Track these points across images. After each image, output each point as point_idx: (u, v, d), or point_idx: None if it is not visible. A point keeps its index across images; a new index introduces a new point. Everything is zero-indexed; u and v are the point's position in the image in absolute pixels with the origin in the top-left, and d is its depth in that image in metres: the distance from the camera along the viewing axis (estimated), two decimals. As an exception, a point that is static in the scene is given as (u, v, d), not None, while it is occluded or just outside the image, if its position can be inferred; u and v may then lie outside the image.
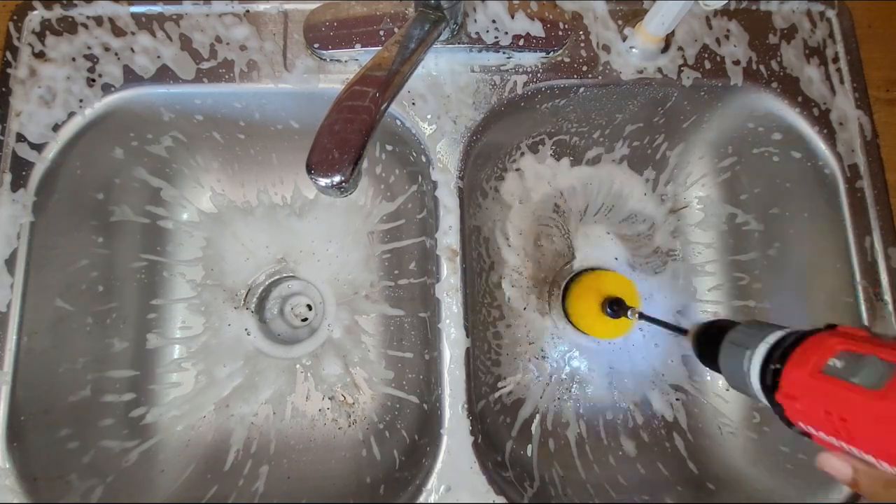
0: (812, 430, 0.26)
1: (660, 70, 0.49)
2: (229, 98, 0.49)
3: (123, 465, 0.49)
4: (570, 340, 0.58)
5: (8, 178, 0.45)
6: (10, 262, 0.44)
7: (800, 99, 0.48)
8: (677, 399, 0.56)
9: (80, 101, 0.46)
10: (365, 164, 0.53)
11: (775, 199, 0.53)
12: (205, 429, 0.54)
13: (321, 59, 0.48)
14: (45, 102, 0.46)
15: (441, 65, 0.48)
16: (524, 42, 0.47)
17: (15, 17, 0.47)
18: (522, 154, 0.59)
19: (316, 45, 0.47)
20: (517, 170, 0.59)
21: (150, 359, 0.54)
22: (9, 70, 0.46)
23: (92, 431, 0.48)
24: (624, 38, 0.49)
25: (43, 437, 0.44)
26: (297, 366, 0.56)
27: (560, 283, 0.58)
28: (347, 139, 0.32)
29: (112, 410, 0.50)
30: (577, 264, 0.59)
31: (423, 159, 0.48)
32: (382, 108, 0.34)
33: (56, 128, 0.46)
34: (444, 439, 0.43)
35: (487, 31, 0.47)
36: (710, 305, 0.58)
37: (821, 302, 0.49)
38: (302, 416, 0.55)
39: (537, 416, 0.55)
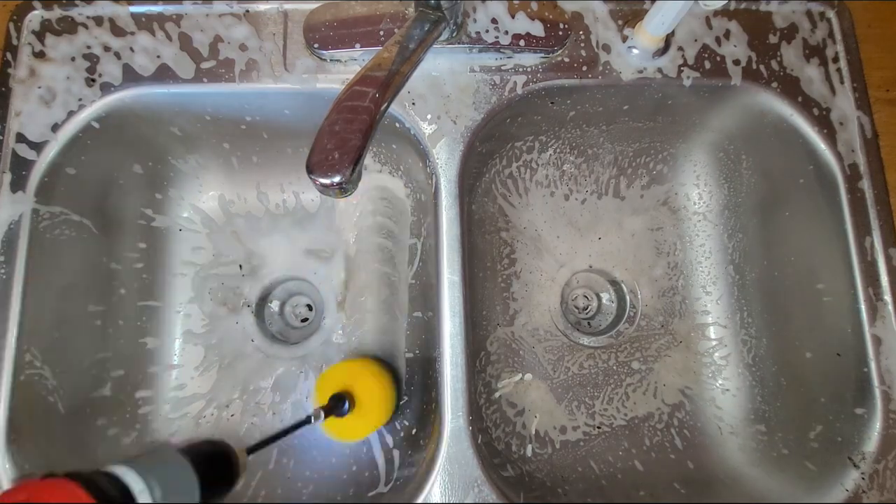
0: None
1: (660, 70, 0.49)
2: (229, 98, 0.49)
3: (123, 465, 0.49)
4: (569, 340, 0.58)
5: (8, 178, 0.45)
6: (10, 262, 0.44)
7: (800, 99, 0.48)
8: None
9: (80, 100, 0.46)
10: (365, 164, 0.53)
11: (775, 198, 0.53)
12: (205, 428, 0.54)
13: (321, 59, 0.48)
14: (45, 102, 0.46)
15: (441, 65, 0.48)
16: (524, 42, 0.47)
17: (15, 17, 0.47)
18: (524, 153, 0.59)
19: (316, 45, 0.47)
20: (520, 169, 0.59)
21: (149, 359, 0.54)
22: (9, 70, 0.46)
23: (92, 431, 0.48)
24: (624, 39, 0.49)
25: (43, 437, 0.44)
26: (298, 365, 0.56)
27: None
28: (347, 139, 0.32)
29: (112, 410, 0.51)
30: (585, 262, 0.59)
31: (423, 159, 0.48)
32: (382, 108, 0.34)
33: (56, 128, 0.46)
34: (444, 439, 0.43)
35: (487, 31, 0.47)
36: (708, 304, 0.58)
37: (820, 302, 0.49)
38: (302, 415, 0.55)
39: (537, 416, 0.55)
